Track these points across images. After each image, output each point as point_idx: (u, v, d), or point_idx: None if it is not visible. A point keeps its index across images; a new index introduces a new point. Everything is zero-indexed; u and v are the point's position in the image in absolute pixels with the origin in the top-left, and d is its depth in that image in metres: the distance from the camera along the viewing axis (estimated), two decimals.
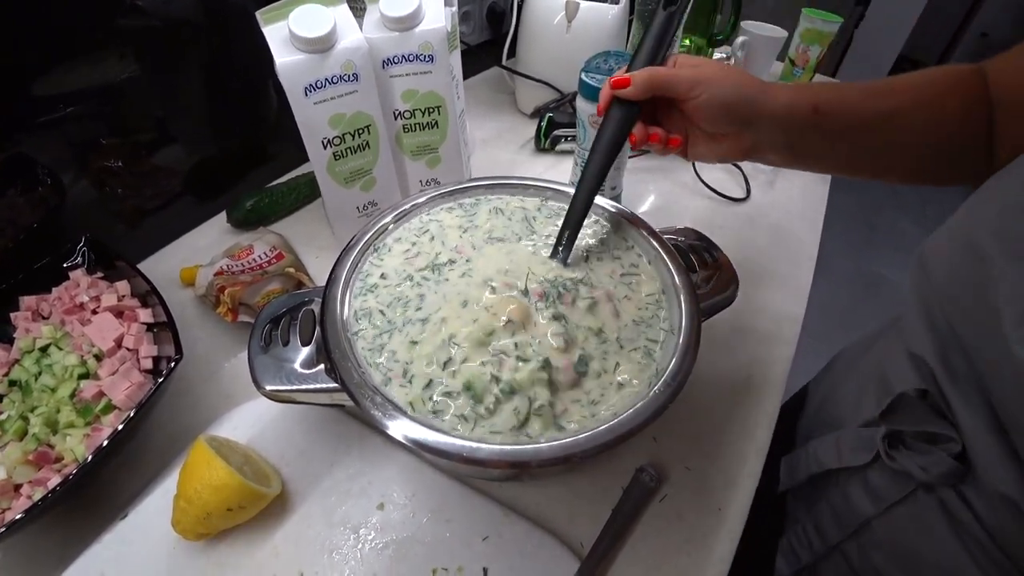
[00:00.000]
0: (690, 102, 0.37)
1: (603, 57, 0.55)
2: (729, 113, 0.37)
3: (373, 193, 0.56)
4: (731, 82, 0.37)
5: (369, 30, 0.49)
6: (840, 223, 2.23)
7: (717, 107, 0.37)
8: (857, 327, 1.83)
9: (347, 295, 0.38)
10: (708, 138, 0.40)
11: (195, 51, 0.60)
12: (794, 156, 0.41)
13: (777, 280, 0.61)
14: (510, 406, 0.32)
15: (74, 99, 0.52)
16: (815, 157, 0.42)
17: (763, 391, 0.50)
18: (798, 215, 0.71)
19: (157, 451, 0.43)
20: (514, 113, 0.89)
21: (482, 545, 0.37)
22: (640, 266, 0.41)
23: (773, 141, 0.39)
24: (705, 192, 0.72)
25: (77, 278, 0.48)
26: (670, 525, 0.40)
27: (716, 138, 0.39)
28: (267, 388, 0.34)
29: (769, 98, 0.38)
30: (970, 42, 3.11)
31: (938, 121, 0.40)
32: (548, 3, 0.76)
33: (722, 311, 0.41)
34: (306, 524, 0.37)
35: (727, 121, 0.38)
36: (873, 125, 0.40)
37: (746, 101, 0.37)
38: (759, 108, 0.38)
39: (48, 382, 0.42)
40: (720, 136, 0.39)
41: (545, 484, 0.42)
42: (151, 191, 0.64)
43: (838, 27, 0.92)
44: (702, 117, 0.38)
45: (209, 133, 0.66)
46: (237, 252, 0.56)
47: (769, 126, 0.38)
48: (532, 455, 0.29)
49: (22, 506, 0.36)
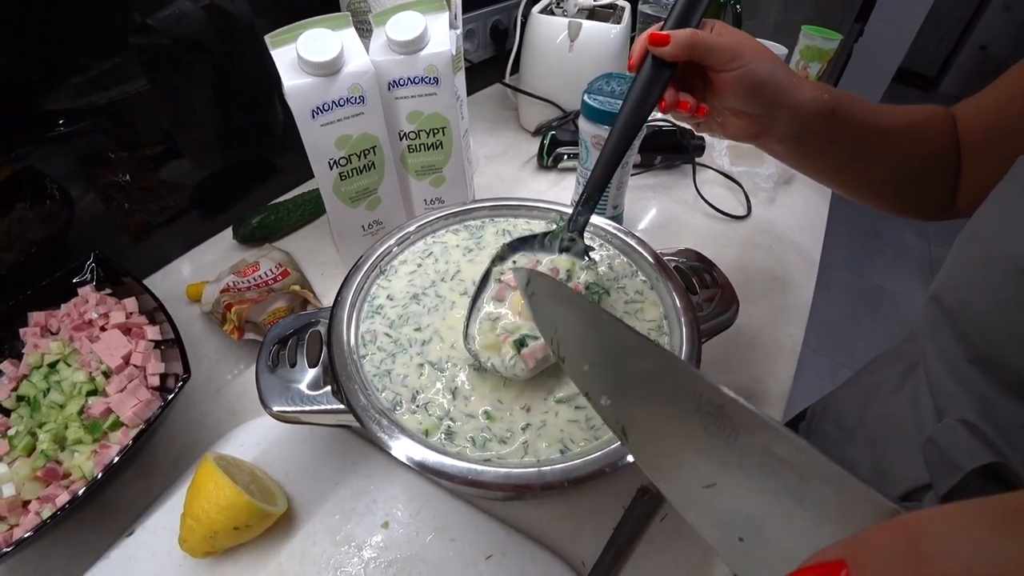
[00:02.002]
0: (726, 73, 0.36)
1: (605, 79, 0.56)
2: (761, 92, 0.37)
3: (378, 212, 0.56)
4: (768, 61, 0.36)
5: (375, 53, 0.50)
6: (841, 234, 2.25)
7: (751, 84, 0.36)
8: (858, 339, 1.84)
9: (354, 317, 0.39)
10: (724, 114, 0.39)
11: (203, 66, 0.61)
12: (797, 150, 0.42)
13: (778, 298, 0.62)
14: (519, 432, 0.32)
15: (83, 114, 0.53)
16: (814, 156, 0.43)
17: (763, 409, 0.50)
18: (799, 231, 0.72)
19: (163, 468, 0.44)
20: (517, 130, 0.90)
21: (485, 564, 0.37)
22: (644, 292, 0.42)
23: (785, 130, 0.39)
24: (706, 209, 0.73)
25: (86, 295, 0.49)
26: (671, 544, 0.41)
27: (733, 115, 0.39)
28: (274, 409, 0.34)
29: (797, 87, 0.38)
30: (969, 55, 3.15)
31: (922, 149, 0.43)
32: (551, 22, 0.77)
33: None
34: (311, 542, 0.38)
35: (756, 100, 0.37)
36: (873, 139, 0.42)
37: (778, 84, 0.37)
38: (787, 94, 0.37)
39: (57, 398, 0.43)
40: (738, 113, 0.38)
41: (548, 503, 0.42)
42: (158, 206, 0.65)
43: (837, 44, 0.93)
44: (733, 91, 0.37)
45: (216, 147, 0.67)
46: (243, 269, 0.57)
47: (789, 114, 0.38)
48: (536, 478, 0.30)
49: (30, 522, 0.37)
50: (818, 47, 0.90)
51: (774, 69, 0.37)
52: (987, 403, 0.33)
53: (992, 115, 0.42)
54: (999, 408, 0.32)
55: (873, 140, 0.42)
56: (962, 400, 0.35)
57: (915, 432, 0.40)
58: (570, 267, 0.38)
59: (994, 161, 0.40)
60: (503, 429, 0.33)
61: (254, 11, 0.63)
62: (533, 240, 0.40)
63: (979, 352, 0.33)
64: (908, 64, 2.45)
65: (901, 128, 0.43)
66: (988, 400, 0.33)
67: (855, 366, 0.60)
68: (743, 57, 0.36)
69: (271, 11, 0.64)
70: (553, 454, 0.32)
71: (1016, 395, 0.31)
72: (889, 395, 0.47)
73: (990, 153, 0.42)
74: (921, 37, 2.25)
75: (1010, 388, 0.31)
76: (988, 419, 0.33)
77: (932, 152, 0.43)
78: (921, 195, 0.46)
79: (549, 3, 0.81)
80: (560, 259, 0.39)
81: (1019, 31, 2.87)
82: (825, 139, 0.41)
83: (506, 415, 0.33)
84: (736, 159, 0.80)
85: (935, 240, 2.31)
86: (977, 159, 0.43)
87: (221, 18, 0.61)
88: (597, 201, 0.38)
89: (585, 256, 0.39)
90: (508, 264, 0.39)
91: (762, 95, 0.37)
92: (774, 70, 0.37)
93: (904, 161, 0.43)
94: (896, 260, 2.24)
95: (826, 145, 0.41)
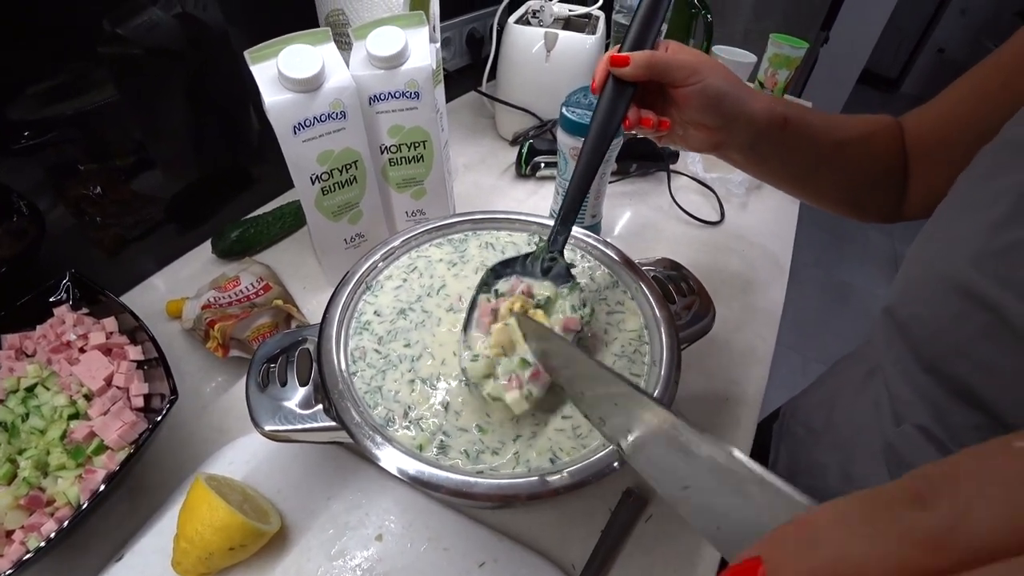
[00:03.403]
0: (686, 88, 0.38)
1: (583, 92, 0.57)
2: (719, 106, 0.39)
3: (360, 226, 0.57)
4: (723, 76, 0.38)
5: (356, 68, 0.50)
6: (810, 233, 2.33)
7: (709, 98, 0.38)
8: (828, 334, 1.91)
9: (342, 334, 0.39)
10: (685, 127, 0.41)
11: (175, 76, 0.60)
12: (753, 158, 0.45)
13: (751, 301, 0.64)
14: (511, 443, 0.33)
15: (50, 124, 0.51)
16: (770, 164, 0.46)
17: (740, 411, 0.52)
18: (770, 236, 0.74)
19: (150, 489, 0.43)
20: (495, 138, 0.91)
21: (479, 571, 0.38)
22: (624, 303, 0.43)
23: (742, 140, 0.42)
24: (681, 216, 0.75)
25: (62, 315, 0.48)
26: (657, 543, 0.42)
27: (693, 128, 0.41)
28: (267, 428, 0.35)
29: (752, 100, 0.40)
30: (928, 58, 3.31)
31: (872, 157, 0.46)
32: (527, 32, 0.78)
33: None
34: (305, 558, 0.38)
35: (715, 112, 0.39)
36: (826, 148, 0.44)
37: (735, 97, 0.39)
38: (743, 106, 0.39)
39: (37, 424, 0.42)
40: (698, 126, 0.41)
41: (538, 509, 0.43)
42: (132, 219, 0.64)
43: (804, 51, 0.97)
44: (692, 106, 0.38)
45: (190, 158, 0.66)
46: (223, 284, 0.57)
47: (746, 126, 0.40)
48: (524, 488, 0.31)
49: (15, 552, 0.36)
50: (786, 55, 0.93)
51: (730, 83, 0.39)
52: (940, 409, 0.35)
53: (936, 127, 0.45)
54: (951, 414, 0.34)
55: (826, 149, 0.45)
56: (917, 406, 0.37)
57: (877, 436, 0.42)
58: (552, 294, 0.39)
59: (938, 170, 0.44)
60: (495, 441, 0.34)
61: (228, 20, 0.62)
62: (514, 263, 0.41)
63: (930, 363, 0.35)
64: (871, 66, 2.56)
65: (852, 139, 0.45)
66: (940, 407, 0.35)
67: (826, 360, 0.63)
68: (700, 72, 0.38)
69: (245, 21, 0.64)
70: (544, 463, 0.33)
71: (966, 402, 0.32)
72: (852, 399, 0.49)
73: (934, 162, 0.45)
74: (883, 41, 2.36)
75: (960, 396, 0.33)
76: (941, 424, 0.35)
77: (882, 161, 0.46)
78: (872, 201, 0.49)
79: (525, 13, 0.82)
80: (543, 286, 0.40)
81: (975, 34, 3.02)
82: (779, 147, 0.43)
83: (497, 427, 0.34)
84: (709, 166, 0.82)
85: (899, 238, 2.42)
86: (922, 167, 0.46)
87: (194, 28, 0.61)
88: (574, 220, 0.40)
89: (568, 274, 0.40)
90: (493, 289, 0.39)
91: (721, 107, 0.39)
92: (730, 83, 0.39)
93: (856, 169, 0.46)
94: (862, 257, 2.33)
95: (780, 153, 0.44)
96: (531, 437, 0.34)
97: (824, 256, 2.29)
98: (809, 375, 0.63)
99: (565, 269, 0.40)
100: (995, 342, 0.30)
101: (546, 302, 0.39)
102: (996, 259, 0.30)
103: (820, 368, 0.60)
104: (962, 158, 0.36)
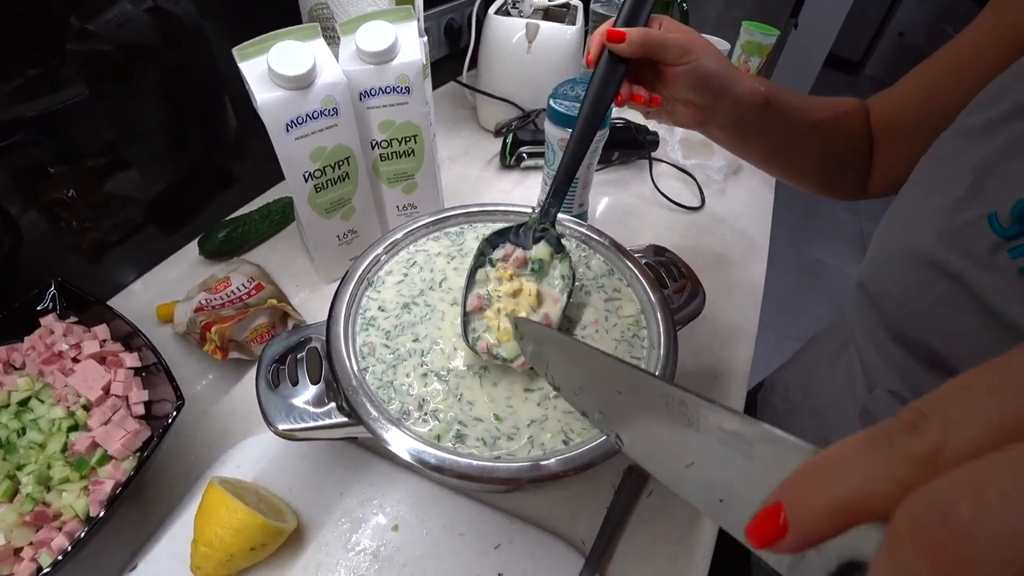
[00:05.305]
0: (678, 67, 0.39)
1: (570, 84, 0.58)
2: (707, 85, 0.40)
3: (353, 222, 0.56)
4: (714, 56, 0.40)
5: (345, 63, 0.50)
6: (783, 215, 2.40)
7: (699, 77, 0.39)
8: (801, 312, 1.98)
9: (350, 330, 0.39)
10: (672, 103, 0.43)
11: (148, 73, 0.58)
12: (735, 136, 0.47)
13: (735, 282, 0.67)
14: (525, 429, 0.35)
15: (14, 126, 0.49)
16: (751, 142, 0.48)
17: (729, 387, 0.55)
18: (748, 219, 0.77)
19: (157, 497, 0.43)
20: (476, 129, 0.91)
21: (495, 553, 0.39)
22: (621, 290, 0.45)
23: (726, 118, 0.43)
24: (663, 202, 0.77)
25: (50, 324, 0.47)
26: (658, 517, 0.45)
27: (681, 105, 0.42)
28: (281, 428, 0.35)
29: (738, 80, 0.42)
30: (889, 41, 3.45)
31: (843, 137, 0.48)
32: (507, 23, 0.78)
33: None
34: (324, 553, 0.39)
35: (703, 91, 0.40)
36: (802, 128, 0.47)
37: (723, 77, 0.41)
38: (730, 86, 0.41)
39: (35, 438, 0.41)
40: (685, 103, 0.42)
41: (546, 490, 0.45)
42: (110, 222, 0.62)
43: (775, 38, 0.99)
44: (682, 84, 0.40)
45: (167, 157, 0.64)
46: (214, 285, 0.56)
47: (731, 104, 0.42)
48: (541, 470, 0.32)
49: (25, 570, 0.35)
50: (757, 42, 0.96)
51: (720, 63, 0.40)
52: (908, 374, 0.38)
53: (897, 112, 0.47)
54: (919, 378, 0.37)
55: (802, 129, 0.47)
56: (888, 373, 0.40)
57: (851, 403, 0.45)
58: (546, 256, 0.42)
59: (899, 151, 0.47)
60: (510, 427, 0.35)
61: (203, 15, 0.61)
62: (508, 232, 0.42)
63: (898, 331, 0.38)
64: (835, 50, 2.64)
65: (825, 119, 0.48)
66: (908, 372, 0.38)
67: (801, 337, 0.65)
68: (693, 53, 0.39)
69: (222, 15, 0.62)
70: (557, 445, 0.34)
71: (932, 365, 0.35)
72: (827, 370, 0.52)
73: (896, 144, 0.48)
74: (846, 26, 2.43)
75: (926, 360, 0.36)
76: (910, 388, 0.38)
77: (851, 141, 0.49)
78: (840, 179, 0.52)
79: (504, 3, 0.82)
80: (538, 249, 0.42)
81: (932, 19, 3.18)
82: (759, 126, 0.45)
83: (511, 413, 0.36)
84: (688, 152, 0.84)
85: (864, 215, 2.52)
86: (885, 148, 0.49)
87: (167, 22, 0.59)
88: (566, 192, 0.41)
89: (559, 244, 0.42)
90: (488, 258, 0.42)
91: (709, 87, 0.40)
92: (720, 64, 0.40)
93: (828, 149, 0.49)
94: (832, 235, 2.43)
95: (760, 132, 0.46)
96: (543, 421, 0.35)
97: (795, 235, 2.38)
98: (784, 352, 0.66)
99: (556, 239, 0.41)
100: (957, 308, 0.33)
101: (540, 266, 0.41)
102: (957, 233, 0.33)
103: (795, 345, 0.63)
104: (921, 142, 0.39)
